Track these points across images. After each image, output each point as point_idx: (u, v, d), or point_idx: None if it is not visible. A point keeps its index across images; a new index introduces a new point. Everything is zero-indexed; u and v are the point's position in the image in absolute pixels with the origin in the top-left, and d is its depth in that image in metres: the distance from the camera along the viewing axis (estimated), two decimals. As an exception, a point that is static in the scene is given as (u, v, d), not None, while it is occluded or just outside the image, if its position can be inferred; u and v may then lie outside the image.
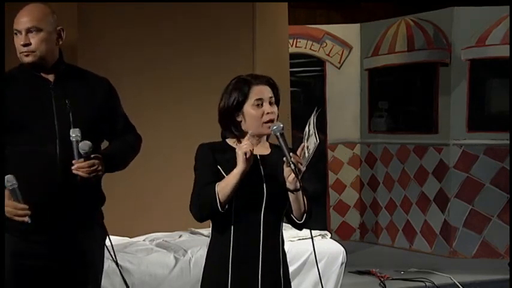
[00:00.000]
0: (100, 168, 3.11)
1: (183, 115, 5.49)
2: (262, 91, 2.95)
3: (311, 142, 2.92)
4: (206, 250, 3.05)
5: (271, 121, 2.92)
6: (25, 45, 3.13)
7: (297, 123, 6.79)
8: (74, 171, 3.06)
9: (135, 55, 5.35)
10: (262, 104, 2.93)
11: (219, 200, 2.83)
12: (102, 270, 3.40)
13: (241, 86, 2.95)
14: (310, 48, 7.54)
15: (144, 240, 5.01)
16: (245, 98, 2.94)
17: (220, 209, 2.85)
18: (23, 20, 3.14)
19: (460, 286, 5.48)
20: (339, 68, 7.55)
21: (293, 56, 6.81)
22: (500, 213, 6.56)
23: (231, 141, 3.02)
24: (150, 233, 5.16)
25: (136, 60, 5.34)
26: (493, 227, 6.59)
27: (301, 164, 2.85)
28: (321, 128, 7.54)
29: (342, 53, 7.53)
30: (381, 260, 6.50)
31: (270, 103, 2.96)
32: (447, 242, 6.70)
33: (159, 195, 5.38)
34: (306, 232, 4.98)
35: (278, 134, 2.86)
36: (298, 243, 4.77)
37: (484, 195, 6.61)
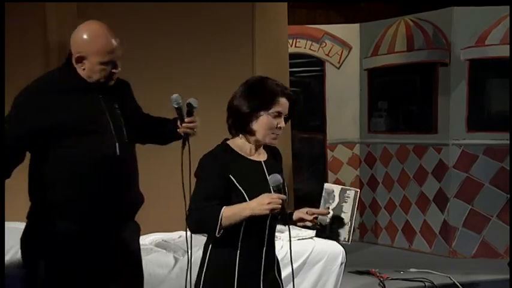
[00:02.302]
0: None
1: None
2: (285, 106, 3.02)
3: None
4: (203, 251, 3.03)
5: (277, 136, 3.00)
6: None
7: (296, 123, 6.82)
8: (183, 131, 3.38)
9: (134, 55, 5.35)
10: (279, 117, 2.99)
11: (220, 226, 2.83)
12: None
13: (269, 93, 2.99)
14: (309, 48, 7.54)
15: (144, 240, 5.00)
16: (268, 106, 2.97)
17: (216, 234, 2.85)
18: (115, 53, 3.31)
19: (459, 286, 5.48)
20: (339, 68, 7.55)
21: (293, 56, 6.81)
22: (500, 213, 6.56)
23: (235, 147, 3.01)
24: (149, 233, 5.16)
25: (136, 60, 5.34)
26: (493, 227, 6.59)
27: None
28: (321, 128, 7.55)
29: (342, 53, 7.53)
30: (381, 260, 6.50)
31: (285, 119, 3.03)
32: (447, 242, 6.70)
33: (159, 196, 5.37)
34: (306, 232, 4.99)
35: (275, 188, 2.88)
36: (298, 243, 4.78)
37: (484, 195, 6.61)
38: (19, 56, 4.83)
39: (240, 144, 3.02)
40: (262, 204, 2.82)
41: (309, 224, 3.02)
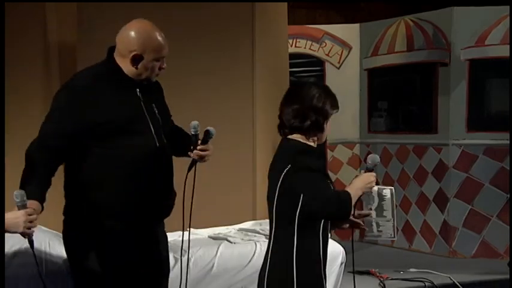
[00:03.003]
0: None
1: (183, 114, 5.48)
2: None
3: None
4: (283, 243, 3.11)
5: None
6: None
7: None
8: (194, 157, 3.41)
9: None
10: None
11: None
12: None
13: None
14: (309, 48, 7.54)
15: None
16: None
17: (350, 216, 3.14)
18: (167, 48, 3.39)
19: (459, 286, 5.48)
20: (339, 68, 7.55)
21: (293, 56, 6.81)
22: (500, 213, 6.56)
23: (305, 140, 3.15)
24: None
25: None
26: (493, 227, 6.59)
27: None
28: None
29: (342, 53, 7.53)
30: (381, 260, 6.49)
31: None
32: (447, 242, 6.70)
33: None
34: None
35: (372, 167, 3.32)
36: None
37: (484, 195, 6.61)
38: (19, 56, 4.83)
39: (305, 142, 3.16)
40: (369, 182, 3.20)
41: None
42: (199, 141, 3.46)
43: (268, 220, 4.96)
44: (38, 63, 5.10)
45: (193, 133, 3.44)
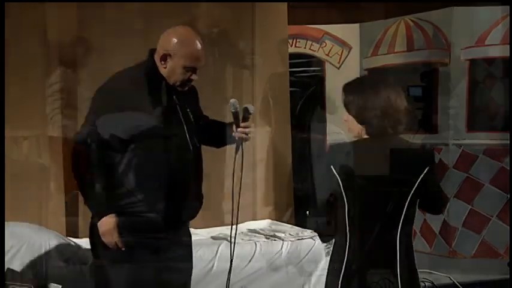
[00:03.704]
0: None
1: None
2: None
3: None
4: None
5: None
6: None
7: (296, 123, 6.81)
8: (238, 136, 3.43)
9: (135, 53, 5.34)
10: None
11: None
12: None
13: None
14: (309, 48, 7.53)
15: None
16: None
17: None
18: (201, 60, 3.45)
19: (459, 286, 5.48)
20: (339, 68, 7.54)
21: (292, 56, 6.80)
22: (500, 213, 6.56)
23: None
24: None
25: (136, 59, 5.33)
26: (493, 227, 6.59)
27: None
28: (321, 128, 7.54)
29: (342, 53, 7.52)
30: (381, 260, 6.49)
31: None
32: (447, 242, 6.70)
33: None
34: (306, 232, 4.99)
35: None
36: (298, 243, 4.80)
37: (484, 195, 6.61)
38: (19, 55, 4.84)
39: None
40: None
41: None
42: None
43: (268, 220, 5.00)
44: (38, 62, 5.10)
45: (233, 111, 3.45)
